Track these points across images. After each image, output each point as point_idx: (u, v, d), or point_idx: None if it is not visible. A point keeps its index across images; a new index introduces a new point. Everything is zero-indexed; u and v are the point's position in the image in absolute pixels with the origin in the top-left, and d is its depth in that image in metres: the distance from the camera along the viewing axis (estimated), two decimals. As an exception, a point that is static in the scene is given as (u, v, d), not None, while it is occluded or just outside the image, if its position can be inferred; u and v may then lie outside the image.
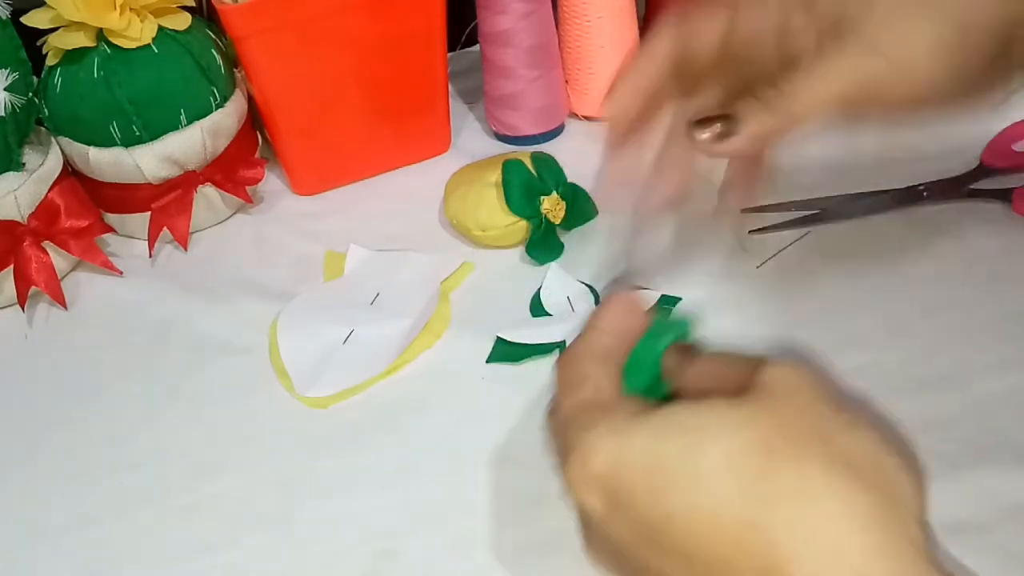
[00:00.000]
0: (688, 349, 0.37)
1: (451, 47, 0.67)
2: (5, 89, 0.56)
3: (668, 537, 0.30)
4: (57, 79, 0.59)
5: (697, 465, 0.30)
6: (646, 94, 0.41)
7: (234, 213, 0.65)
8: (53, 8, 0.56)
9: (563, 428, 0.34)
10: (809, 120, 0.37)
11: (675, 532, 0.30)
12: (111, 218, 0.63)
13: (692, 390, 0.35)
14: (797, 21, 0.38)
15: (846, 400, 0.32)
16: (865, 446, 0.30)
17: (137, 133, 0.59)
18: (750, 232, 0.57)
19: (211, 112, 0.60)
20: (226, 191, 0.62)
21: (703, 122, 0.39)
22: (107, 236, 0.62)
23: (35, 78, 0.59)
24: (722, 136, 0.39)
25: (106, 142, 0.59)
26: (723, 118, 0.39)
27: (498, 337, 0.53)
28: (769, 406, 0.31)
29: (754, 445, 0.30)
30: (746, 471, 0.29)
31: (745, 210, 0.58)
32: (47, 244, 0.59)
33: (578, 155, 0.64)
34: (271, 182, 0.67)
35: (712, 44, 0.40)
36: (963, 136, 0.63)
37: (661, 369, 0.37)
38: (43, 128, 0.61)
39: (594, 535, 0.34)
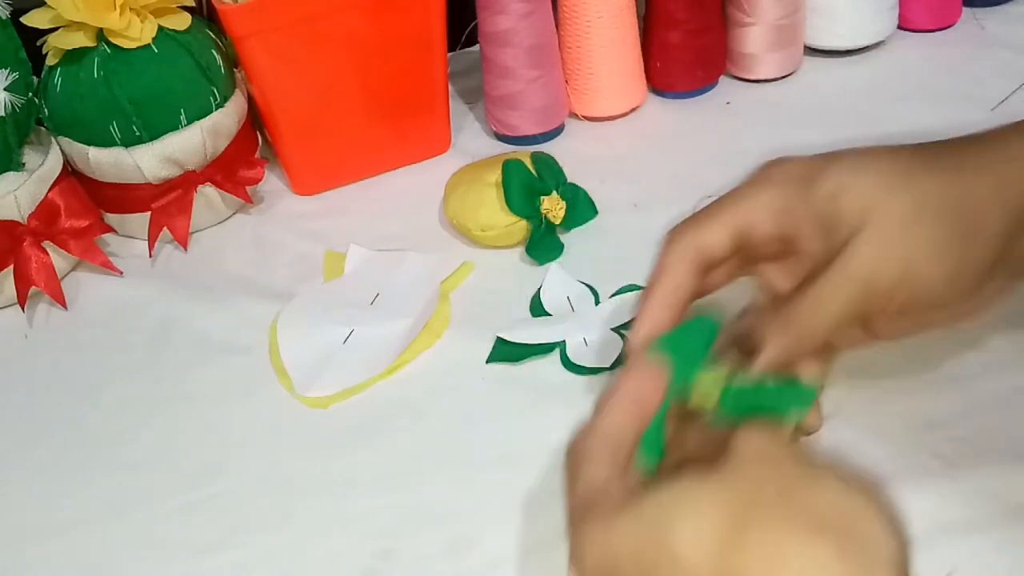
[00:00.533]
0: (689, 414, 0.38)
1: (451, 47, 0.67)
2: (5, 89, 0.56)
3: None
4: (57, 79, 0.59)
5: (673, 548, 0.31)
6: (674, 309, 0.41)
7: (234, 213, 0.65)
8: (53, 8, 0.56)
9: (568, 523, 0.35)
10: (829, 334, 0.38)
11: None
12: (111, 218, 0.63)
13: (680, 458, 0.37)
14: (797, 216, 0.39)
15: (810, 457, 0.33)
16: (830, 497, 0.31)
17: (137, 133, 0.59)
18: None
19: (211, 112, 0.60)
20: (226, 191, 0.62)
21: (728, 360, 0.39)
22: (107, 236, 0.62)
23: (35, 78, 0.59)
24: (748, 359, 0.39)
25: (106, 142, 0.59)
26: (744, 343, 0.39)
27: (498, 337, 0.53)
28: (735, 475, 0.32)
29: (722, 519, 0.31)
30: (717, 546, 0.30)
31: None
32: (47, 244, 0.59)
33: (578, 155, 0.65)
34: (271, 182, 0.67)
35: (723, 249, 0.40)
36: (963, 136, 0.63)
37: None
38: (43, 128, 0.61)
39: None
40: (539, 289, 0.56)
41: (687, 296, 0.41)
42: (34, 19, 0.56)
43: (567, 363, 0.51)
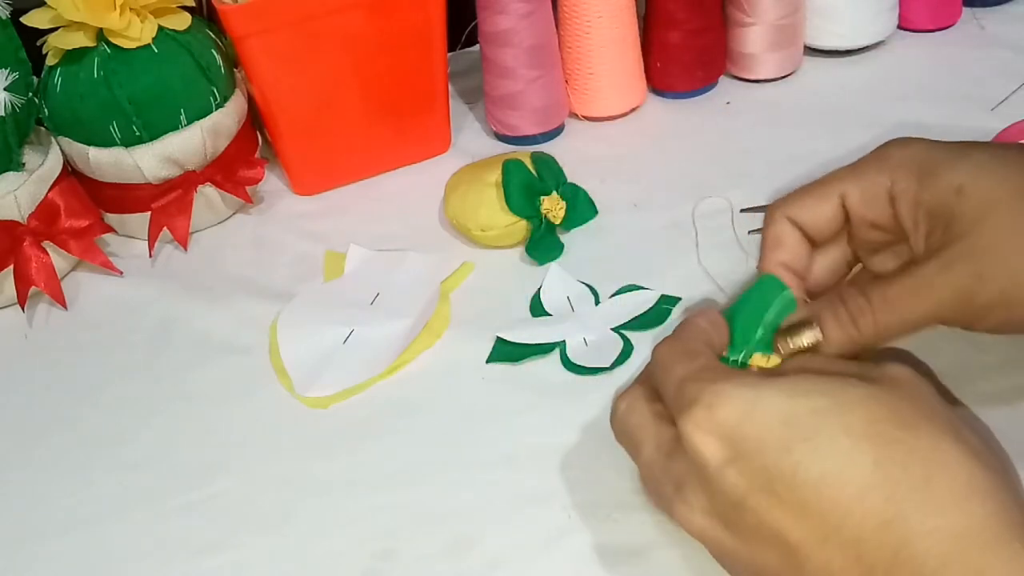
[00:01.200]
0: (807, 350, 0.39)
1: (451, 47, 0.67)
2: (5, 89, 0.56)
3: (789, 487, 0.31)
4: (57, 79, 0.59)
5: (833, 425, 0.31)
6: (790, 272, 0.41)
7: (234, 213, 0.65)
8: (53, 8, 0.56)
9: (679, 386, 0.34)
10: (901, 335, 0.37)
11: (799, 482, 0.31)
12: (111, 218, 0.63)
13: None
14: (906, 205, 0.38)
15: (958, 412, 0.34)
16: (978, 438, 0.32)
17: (137, 133, 0.59)
18: (750, 232, 0.57)
19: (211, 112, 0.60)
20: (226, 191, 0.62)
21: (791, 330, 0.39)
22: (107, 236, 0.62)
23: (35, 78, 0.59)
24: (807, 350, 0.38)
25: (106, 142, 0.59)
26: (809, 326, 0.38)
27: (498, 337, 0.53)
28: (897, 391, 0.32)
29: (889, 415, 0.31)
30: (881, 436, 0.31)
31: (745, 210, 0.59)
32: (47, 244, 0.59)
33: (578, 155, 0.65)
34: (271, 182, 0.67)
35: (830, 222, 0.40)
36: (963, 137, 0.62)
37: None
38: (43, 128, 0.61)
39: (696, 490, 0.34)
40: (539, 289, 0.56)
41: (801, 263, 0.40)
42: (34, 19, 0.56)
43: (567, 363, 0.51)
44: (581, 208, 0.59)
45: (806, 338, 0.38)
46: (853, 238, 0.41)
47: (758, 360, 0.39)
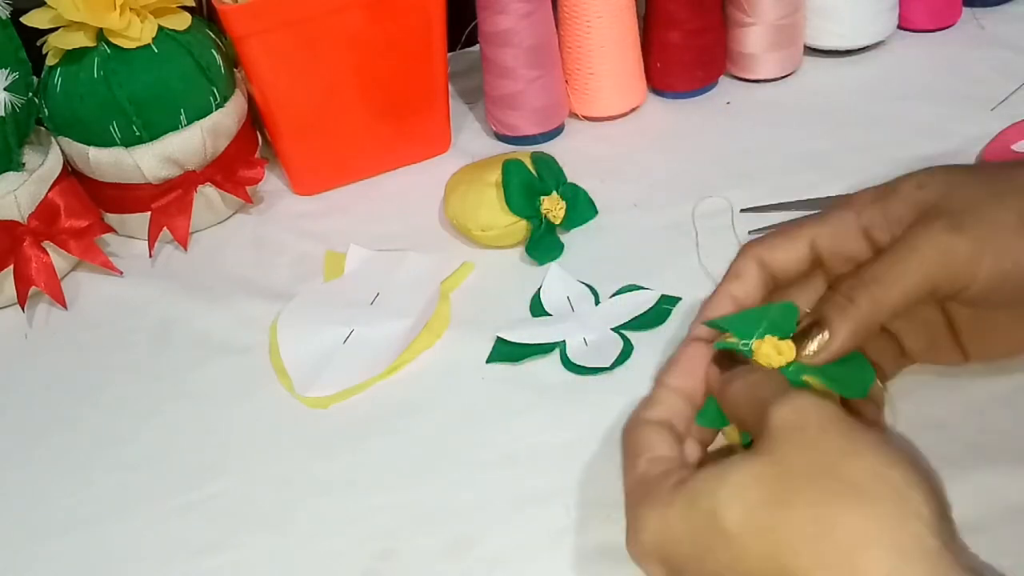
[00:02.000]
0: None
1: (451, 47, 0.67)
2: (5, 89, 0.56)
3: None
4: (57, 79, 0.59)
5: (724, 529, 0.32)
6: (737, 304, 0.41)
7: (234, 213, 0.65)
8: (53, 8, 0.56)
9: (626, 501, 0.36)
10: (899, 306, 0.38)
11: None
12: (111, 218, 0.63)
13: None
14: (878, 227, 0.39)
15: (848, 425, 0.33)
16: (868, 467, 0.32)
17: (137, 133, 0.59)
18: (750, 232, 0.57)
19: (211, 112, 0.60)
20: (226, 191, 0.62)
21: (802, 334, 0.39)
22: (107, 236, 0.62)
23: (35, 78, 0.59)
24: (824, 345, 0.39)
25: (106, 142, 0.59)
26: (816, 325, 0.39)
27: (498, 337, 0.53)
28: (773, 453, 0.33)
29: (764, 496, 0.32)
30: (765, 526, 0.32)
31: (745, 210, 0.59)
32: (47, 244, 0.59)
33: (578, 155, 0.65)
34: (271, 182, 0.67)
35: (798, 263, 0.41)
36: (963, 137, 0.63)
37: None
38: (43, 128, 0.61)
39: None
40: (539, 289, 0.56)
41: (752, 299, 0.41)
42: (34, 19, 0.56)
43: (567, 363, 0.51)
44: (581, 208, 0.59)
45: (817, 341, 0.38)
46: (828, 273, 0.42)
47: (772, 344, 0.39)
